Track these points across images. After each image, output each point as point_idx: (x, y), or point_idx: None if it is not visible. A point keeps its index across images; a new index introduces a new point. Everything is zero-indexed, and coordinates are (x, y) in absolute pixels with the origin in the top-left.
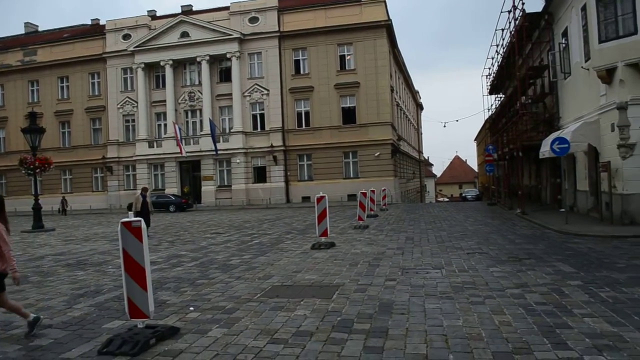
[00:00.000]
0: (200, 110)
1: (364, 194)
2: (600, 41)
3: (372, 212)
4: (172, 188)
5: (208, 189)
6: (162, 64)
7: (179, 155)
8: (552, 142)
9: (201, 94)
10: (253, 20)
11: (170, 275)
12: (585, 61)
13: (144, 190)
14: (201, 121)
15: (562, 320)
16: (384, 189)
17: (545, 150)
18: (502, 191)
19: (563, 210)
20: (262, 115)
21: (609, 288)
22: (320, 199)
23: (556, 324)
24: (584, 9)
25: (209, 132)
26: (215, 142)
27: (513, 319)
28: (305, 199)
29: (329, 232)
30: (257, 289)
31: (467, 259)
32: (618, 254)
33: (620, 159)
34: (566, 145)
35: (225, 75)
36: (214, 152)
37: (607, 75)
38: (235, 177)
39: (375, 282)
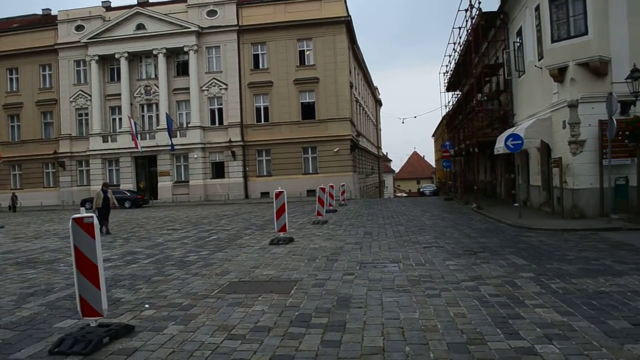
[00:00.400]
0: (157, 104)
1: (323, 190)
2: (553, 41)
3: (331, 208)
4: (128, 184)
5: (165, 184)
6: (117, 56)
7: (135, 150)
8: (507, 139)
9: (157, 87)
10: (211, 13)
11: (125, 273)
12: (539, 60)
13: (105, 185)
14: (157, 115)
15: (515, 311)
16: (343, 185)
17: (499, 146)
18: (458, 186)
19: (517, 204)
20: (220, 110)
21: (559, 279)
22: (278, 194)
23: (509, 314)
24: (537, 9)
25: (166, 126)
26: (171, 137)
27: (468, 311)
28: (265, 194)
29: (287, 228)
30: (215, 285)
31: (424, 253)
32: (568, 246)
33: (571, 155)
34: (520, 142)
35: (183, 69)
36: (170, 148)
37: (559, 74)
38: (193, 172)
39: (334, 277)
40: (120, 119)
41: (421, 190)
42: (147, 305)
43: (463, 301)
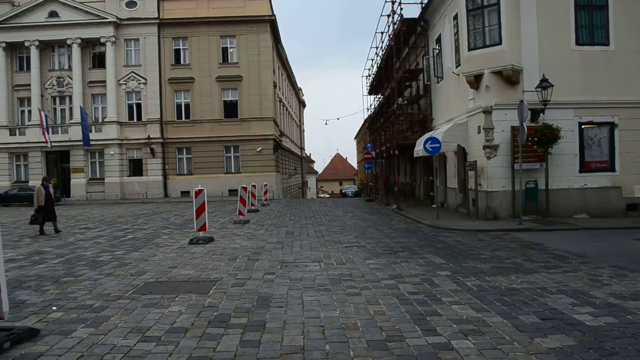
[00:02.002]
0: (70, 97)
1: (245, 189)
2: (470, 49)
3: (253, 207)
4: (37, 180)
5: (78, 181)
6: (26, 44)
7: (45, 145)
8: (425, 142)
9: (71, 79)
10: (131, 4)
11: (31, 273)
12: (456, 67)
13: (45, 180)
14: (71, 109)
15: (432, 308)
16: (266, 184)
17: (419, 149)
18: (379, 188)
19: (435, 206)
20: (139, 105)
21: (474, 277)
22: (198, 192)
23: (427, 311)
24: (455, 18)
25: (80, 120)
26: (86, 131)
27: (387, 309)
28: (185, 193)
29: (207, 227)
30: (129, 286)
31: (345, 252)
32: (482, 245)
33: (486, 159)
34: (438, 145)
35: (99, 61)
36: (85, 142)
37: (475, 81)
38: (109, 169)
39: (254, 276)
40: (29, 111)
41: (343, 191)
42: (54, 308)
43: (383, 299)
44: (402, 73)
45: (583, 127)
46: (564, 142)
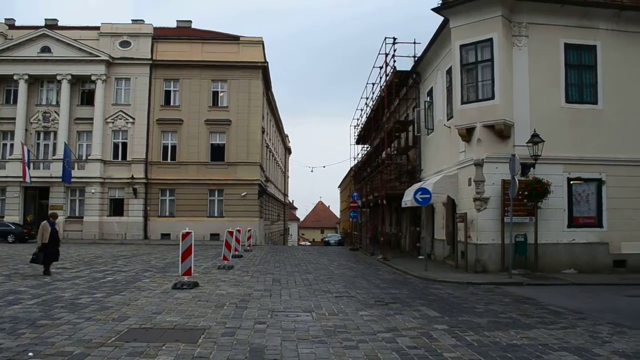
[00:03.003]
0: (55, 132)
1: (231, 233)
2: (463, 102)
3: (237, 253)
4: (14, 216)
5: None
6: (15, 77)
7: (24, 180)
8: (416, 192)
9: (58, 115)
10: (125, 44)
11: (5, 315)
12: (448, 119)
13: (53, 217)
14: (55, 144)
15: None
16: (250, 230)
17: (407, 199)
18: (364, 237)
19: (422, 257)
20: (124, 144)
21: (473, 332)
22: (186, 235)
23: None
24: (449, 72)
25: (62, 157)
26: (68, 168)
27: None
28: (165, 235)
29: (192, 271)
30: (112, 332)
31: (336, 302)
32: (475, 299)
33: (476, 211)
34: (428, 196)
35: (88, 98)
36: (65, 178)
37: (467, 134)
38: (89, 208)
39: (244, 325)
40: (12, 145)
41: (326, 239)
42: (30, 354)
43: (382, 353)
44: (392, 123)
45: (572, 182)
46: (553, 197)
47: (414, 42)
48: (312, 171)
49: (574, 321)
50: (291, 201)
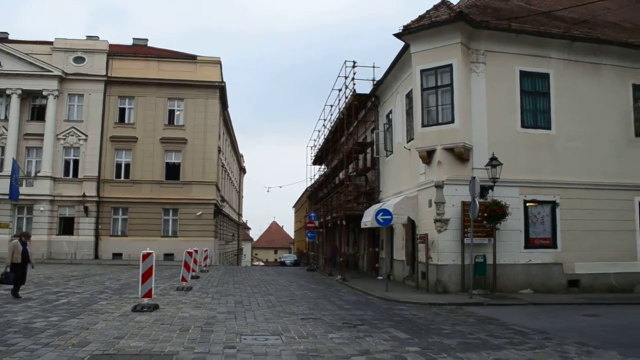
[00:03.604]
0: (3, 148)
1: (190, 254)
2: (423, 125)
3: (194, 273)
4: None
5: (1, 237)
6: None
7: None
8: (377, 213)
9: (6, 130)
10: (79, 60)
11: None
12: (408, 142)
13: (24, 236)
14: (2, 160)
15: None
16: (206, 250)
17: (367, 220)
18: (321, 257)
19: (381, 277)
20: (76, 162)
21: (445, 354)
22: (146, 255)
23: None
24: (408, 95)
25: (9, 173)
26: (16, 185)
27: None
28: (117, 255)
29: (153, 293)
30: (73, 359)
31: (303, 325)
32: (440, 320)
33: (437, 232)
34: (389, 217)
35: (39, 114)
36: (12, 196)
37: (428, 156)
38: (37, 226)
39: (214, 350)
40: None
41: (282, 260)
42: None
43: None
44: (352, 145)
45: (527, 205)
46: (510, 219)
47: (373, 67)
48: (268, 191)
49: (541, 341)
50: (245, 221)
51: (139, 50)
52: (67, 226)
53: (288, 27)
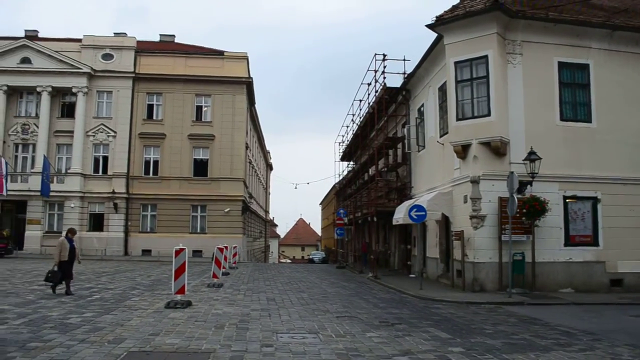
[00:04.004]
0: (34, 145)
1: (221, 250)
2: (458, 119)
3: (224, 270)
4: None
5: (33, 233)
6: None
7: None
8: (410, 209)
9: (37, 127)
10: (107, 57)
11: None
12: (440, 136)
13: (71, 232)
14: (34, 157)
15: None
16: (235, 246)
17: (399, 216)
18: (351, 255)
19: (413, 275)
20: (105, 159)
21: (491, 354)
22: (179, 251)
23: None
24: (441, 89)
25: (41, 170)
26: (47, 181)
27: None
28: (146, 252)
29: (186, 290)
30: (110, 356)
31: (340, 323)
32: (480, 319)
33: (472, 229)
34: (423, 213)
35: (68, 111)
36: (44, 192)
37: (463, 151)
38: (67, 222)
39: (251, 348)
40: None
41: (310, 257)
42: None
43: None
44: (382, 140)
45: (567, 200)
46: (549, 215)
47: (404, 59)
48: (296, 188)
49: (590, 343)
50: (272, 218)
51: (166, 46)
52: (97, 222)
53: (303, 22)
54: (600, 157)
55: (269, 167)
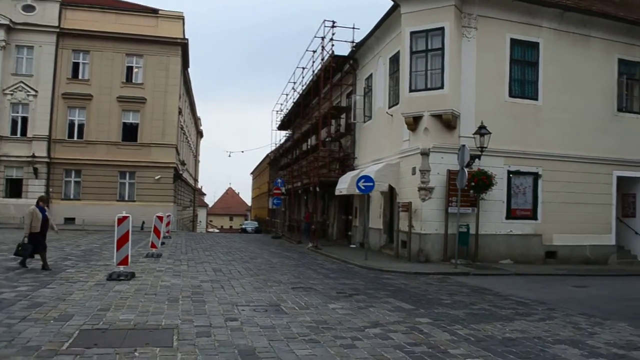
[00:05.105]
0: None
1: (161, 218)
2: (411, 90)
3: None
4: None
5: None
6: None
7: None
8: (358, 180)
9: None
10: (28, 8)
11: None
12: (390, 107)
13: (43, 200)
14: None
15: None
16: (169, 215)
17: (343, 187)
18: (288, 225)
19: (354, 246)
20: (25, 119)
21: (460, 325)
22: (122, 219)
23: None
24: (392, 59)
25: None
26: None
27: None
28: (69, 220)
29: (129, 261)
30: (61, 335)
31: (297, 295)
32: (434, 290)
33: (420, 201)
34: (371, 184)
35: None
36: None
37: (414, 122)
38: None
39: (215, 323)
40: None
41: (243, 227)
42: None
43: (387, 353)
44: (328, 109)
45: (511, 175)
46: (494, 189)
47: (353, 28)
48: (229, 156)
49: (547, 312)
50: (200, 187)
51: (96, 1)
52: (14, 188)
53: None
54: (544, 134)
55: (200, 134)
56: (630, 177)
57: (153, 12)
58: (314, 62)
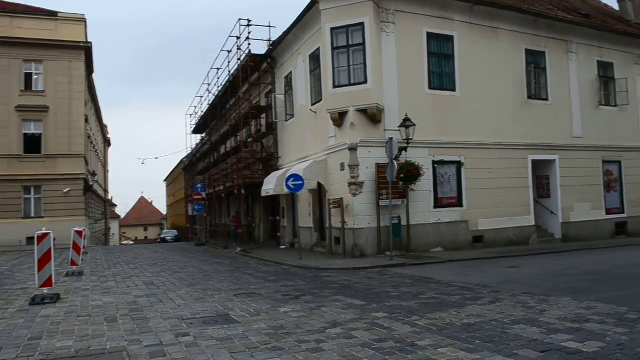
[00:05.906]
0: None
1: (80, 234)
2: (335, 86)
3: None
4: None
5: None
6: None
7: None
8: (287, 179)
9: None
10: None
11: None
12: (313, 104)
13: None
14: None
15: (426, 355)
16: (85, 229)
17: (269, 187)
18: (207, 231)
19: (284, 247)
20: None
21: (417, 316)
22: (42, 237)
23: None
24: (312, 56)
25: None
26: None
27: None
28: None
29: (53, 282)
30: None
31: (243, 301)
32: (378, 283)
33: (351, 196)
34: (301, 182)
35: None
36: None
37: (340, 118)
38: None
39: (166, 340)
40: None
41: (162, 236)
42: None
43: (357, 352)
44: (247, 109)
45: (436, 165)
46: (421, 179)
47: (269, 26)
48: (143, 163)
49: (493, 295)
50: (111, 198)
51: None
52: None
53: None
54: (463, 123)
55: (107, 142)
56: (543, 160)
57: (52, 14)
58: (229, 62)
